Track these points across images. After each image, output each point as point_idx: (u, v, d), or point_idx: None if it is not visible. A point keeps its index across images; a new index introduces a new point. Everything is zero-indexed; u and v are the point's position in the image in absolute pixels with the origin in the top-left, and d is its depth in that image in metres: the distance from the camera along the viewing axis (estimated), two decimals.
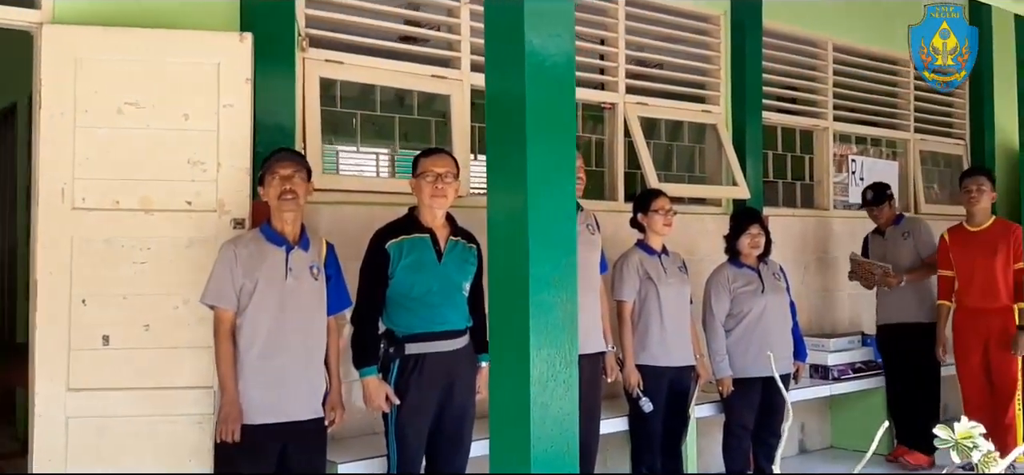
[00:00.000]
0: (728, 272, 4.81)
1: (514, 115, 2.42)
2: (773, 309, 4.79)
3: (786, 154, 6.49)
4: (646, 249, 4.52)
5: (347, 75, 4.22)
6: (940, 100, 7.46)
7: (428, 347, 3.43)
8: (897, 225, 5.60)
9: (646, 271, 4.46)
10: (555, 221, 2.44)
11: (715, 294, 4.77)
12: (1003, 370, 5.30)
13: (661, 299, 4.45)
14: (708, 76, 5.82)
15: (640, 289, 4.46)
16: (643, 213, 4.52)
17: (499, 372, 2.48)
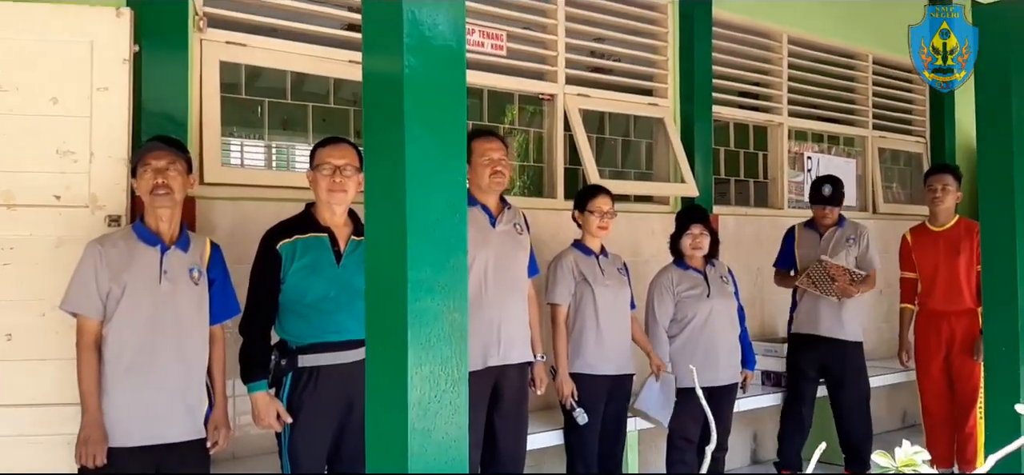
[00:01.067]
0: (672, 274, 4.51)
1: (390, 97, 2.09)
2: (720, 314, 4.50)
3: (739, 151, 6.21)
4: (583, 249, 4.21)
5: (252, 59, 3.85)
6: (899, 96, 7.24)
7: (325, 359, 3.09)
8: (840, 228, 5.18)
9: (582, 273, 4.14)
10: (441, 217, 2.10)
11: (658, 298, 4.48)
12: (965, 376, 5.05)
13: (598, 302, 4.14)
14: (655, 68, 5.52)
15: (575, 292, 4.14)
16: (580, 211, 4.22)
17: (373, 395, 2.14)
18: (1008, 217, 4.01)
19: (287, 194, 3.79)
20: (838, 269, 5.02)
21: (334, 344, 3.06)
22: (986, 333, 4.07)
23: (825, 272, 5.02)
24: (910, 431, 6.64)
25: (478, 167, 3.54)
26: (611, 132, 5.69)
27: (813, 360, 5.09)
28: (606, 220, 4.20)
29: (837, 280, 5.00)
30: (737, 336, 4.62)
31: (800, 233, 5.22)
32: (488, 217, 3.57)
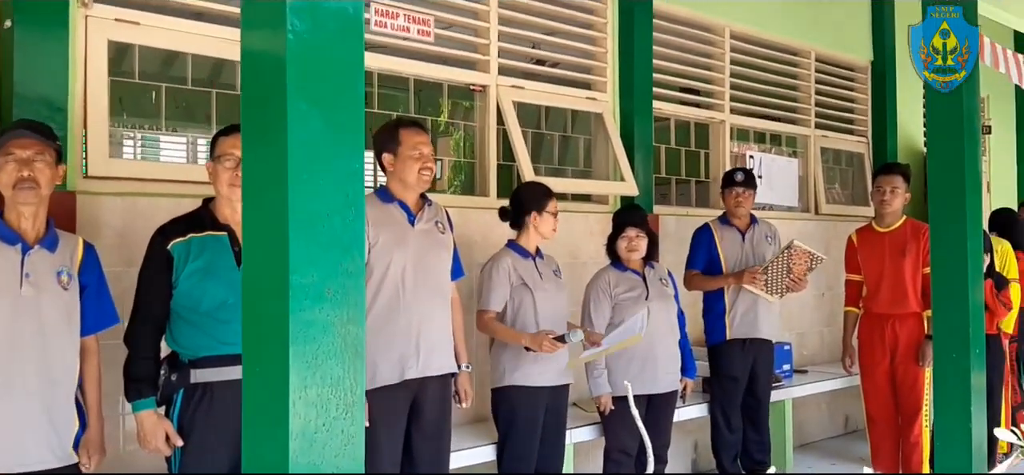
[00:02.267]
0: (610, 276, 4.26)
1: (271, 69, 1.76)
2: (658, 318, 4.25)
3: (680, 149, 5.99)
4: (520, 251, 3.90)
5: (146, 39, 3.47)
6: (842, 95, 7.11)
7: (221, 373, 2.74)
8: (755, 226, 4.94)
9: (520, 277, 3.84)
10: (332, 212, 1.78)
11: (594, 301, 4.21)
12: (910, 382, 4.90)
13: (537, 308, 3.85)
14: (594, 60, 5.25)
15: (512, 298, 3.83)
16: (537, 212, 3.89)
17: (249, 425, 1.81)
18: (959, 220, 3.85)
19: (187, 189, 3.42)
20: (803, 254, 4.76)
21: (232, 357, 2.71)
22: (936, 339, 3.91)
23: (788, 262, 4.74)
24: (853, 437, 6.50)
25: (406, 160, 3.21)
26: (549, 128, 5.41)
27: (746, 364, 4.85)
28: (556, 222, 3.94)
29: (793, 270, 4.75)
30: (677, 342, 4.38)
31: (719, 231, 4.91)
32: (407, 215, 3.25)
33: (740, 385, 4.83)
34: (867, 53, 7.25)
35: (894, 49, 7.22)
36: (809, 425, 6.46)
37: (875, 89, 7.27)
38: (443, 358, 3.33)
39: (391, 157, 3.23)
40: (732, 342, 4.81)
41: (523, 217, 3.89)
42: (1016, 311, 5.50)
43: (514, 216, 3.94)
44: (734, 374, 4.81)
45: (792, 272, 4.74)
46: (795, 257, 4.72)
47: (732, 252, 4.86)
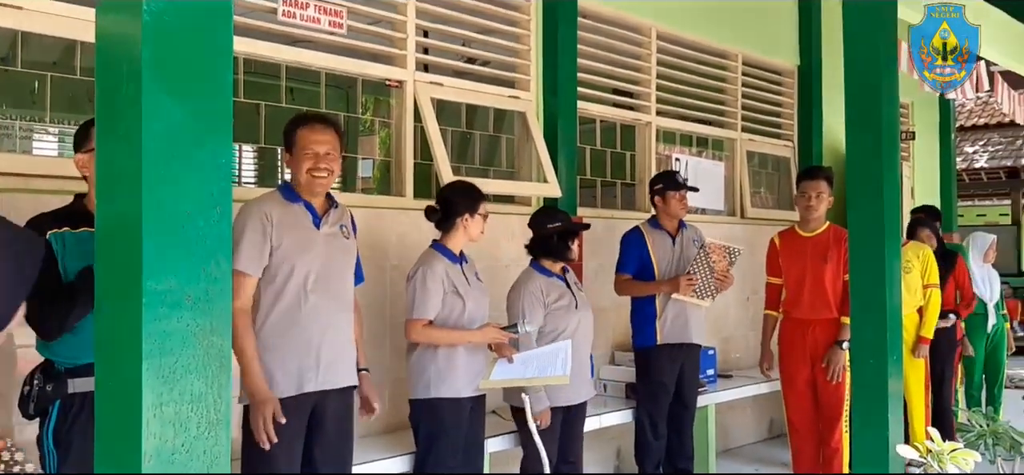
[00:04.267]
0: (540, 282, 4.09)
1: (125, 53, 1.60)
2: (585, 327, 4.16)
3: (606, 150, 5.91)
4: (448, 255, 3.72)
5: (30, 25, 3.24)
6: (768, 99, 7.14)
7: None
8: (685, 230, 4.89)
9: (453, 282, 3.66)
10: (194, 212, 1.62)
11: (529, 307, 4.02)
12: (830, 388, 4.87)
13: (468, 314, 3.69)
14: (517, 57, 5.13)
15: (444, 304, 3.63)
16: (469, 214, 3.72)
17: (102, 440, 1.64)
18: (877, 225, 3.82)
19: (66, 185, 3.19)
20: (719, 250, 4.70)
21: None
22: (854, 346, 3.88)
23: (707, 262, 4.68)
24: (777, 442, 6.50)
25: (298, 158, 3.03)
26: (472, 127, 5.28)
27: (674, 370, 4.78)
28: (484, 225, 3.80)
29: (716, 268, 4.68)
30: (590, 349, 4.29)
31: (650, 235, 4.82)
32: (312, 216, 3.07)
33: (668, 390, 4.76)
34: (794, 57, 7.29)
35: (820, 53, 7.28)
36: (733, 430, 6.44)
37: (801, 93, 7.31)
38: (345, 370, 3.15)
39: (288, 154, 3.06)
40: (662, 347, 4.72)
41: (454, 219, 3.73)
42: (936, 316, 5.56)
43: (443, 217, 3.77)
44: (663, 379, 4.73)
45: (714, 271, 4.68)
46: (713, 255, 4.68)
47: (663, 256, 4.78)
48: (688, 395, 4.86)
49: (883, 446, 3.79)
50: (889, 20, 3.89)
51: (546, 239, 4.13)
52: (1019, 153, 14.74)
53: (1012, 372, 9.55)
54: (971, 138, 15.38)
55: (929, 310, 5.51)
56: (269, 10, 3.90)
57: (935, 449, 1.73)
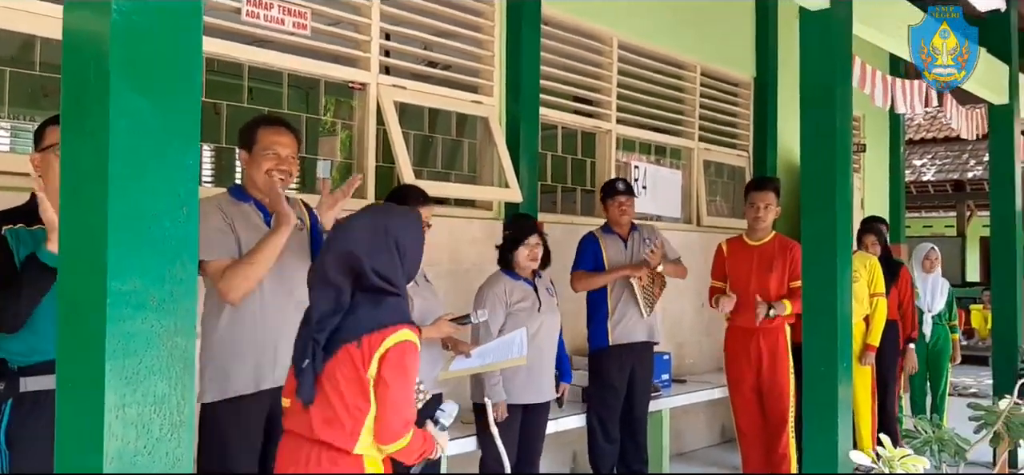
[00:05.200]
0: (504, 284, 4.14)
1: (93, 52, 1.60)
2: (549, 329, 4.22)
3: (567, 157, 5.96)
4: None
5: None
6: (725, 109, 7.25)
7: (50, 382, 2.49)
8: (636, 232, 4.98)
9: None
10: (160, 212, 1.61)
11: (490, 308, 4.08)
12: (775, 394, 4.98)
13: (417, 314, 3.70)
14: (480, 63, 5.16)
15: None
16: None
17: (63, 442, 1.63)
18: (829, 235, 3.91)
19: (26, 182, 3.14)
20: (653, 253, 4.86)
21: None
22: (806, 352, 3.96)
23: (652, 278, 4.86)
24: (729, 446, 6.60)
25: (258, 158, 3.02)
26: (435, 130, 5.29)
27: (624, 373, 4.84)
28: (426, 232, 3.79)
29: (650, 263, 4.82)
30: (556, 349, 4.33)
31: (604, 239, 4.92)
32: (263, 216, 3.06)
33: (619, 393, 4.82)
34: (750, 69, 7.41)
35: (776, 66, 7.41)
36: (687, 434, 6.53)
37: (757, 105, 7.44)
38: None
39: (246, 154, 3.03)
40: (612, 349, 4.79)
41: None
42: (882, 324, 5.69)
43: None
44: (613, 382, 4.79)
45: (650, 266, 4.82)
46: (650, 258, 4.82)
47: (616, 257, 4.88)
48: (638, 398, 4.92)
49: (833, 451, 3.87)
50: (843, 35, 3.99)
51: (502, 246, 4.23)
52: (965, 166, 15.13)
53: (957, 380, 9.80)
54: (919, 151, 15.76)
55: (875, 318, 5.64)
56: (233, 10, 3.88)
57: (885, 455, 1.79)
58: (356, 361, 2.31)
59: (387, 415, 2.32)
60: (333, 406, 2.30)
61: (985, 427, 3.35)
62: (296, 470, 2.36)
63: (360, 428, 2.31)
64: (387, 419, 2.32)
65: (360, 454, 2.33)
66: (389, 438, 2.34)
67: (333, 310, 2.36)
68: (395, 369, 2.33)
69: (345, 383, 2.31)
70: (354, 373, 2.31)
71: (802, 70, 3.95)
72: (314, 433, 2.32)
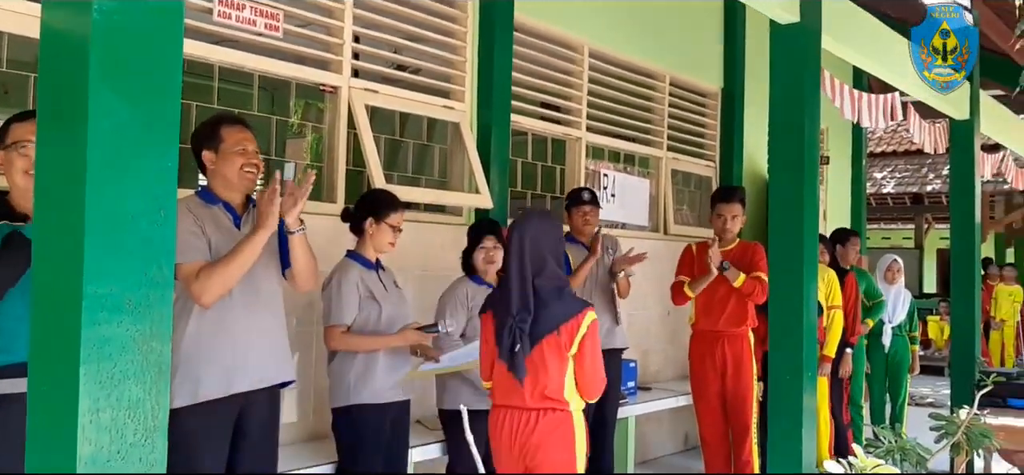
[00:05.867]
0: (467, 288, 4.15)
1: (72, 52, 1.58)
2: None
3: (537, 164, 5.98)
4: (363, 261, 3.74)
5: None
6: (693, 119, 7.32)
7: (16, 385, 2.45)
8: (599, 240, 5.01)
9: (368, 288, 3.67)
10: (138, 215, 1.59)
11: (451, 310, 4.09)
12: (739, 401, 5.04)
13: (385, 320, 3.70)
14: (453, 68, 5.16)
15: (360, 310, 3.65)
16: (375, 219, 3.73)
17: (34, 447, 1.60)
18: (796, 246, 3.96)
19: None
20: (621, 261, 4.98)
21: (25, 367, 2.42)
22: (772, 361, 4.01)
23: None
24: (692, 454, 6.66)
25: (229, 156, 2.99)
26: (405, 135, 5.28)
27: None
28: (396, 237, 3.80)
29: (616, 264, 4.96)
30: None
31: (568, 249, 4.82)
32: (232, 218, 3.03)
33: None
34: (718, 80, 7.50)
35: (743, 77, 7.50)
36: (651, 442, 6.57)
37: (724, 115, 7.52)
38: (274, 368, 3.12)
39: (212, 154, 3.00)
40: None
41: (362, 223, 3.74)
42: (838, 336, 5.78)
43: (354, 221, 3.78)
44: None
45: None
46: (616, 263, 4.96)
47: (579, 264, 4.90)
48: (610, 405, 4.95)
49: (797, 459, 3.92)
50: (813, 49, 4.05)
51: (465, 250, 4.24)
52: (924, 180, 15.42)
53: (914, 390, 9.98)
54: (880, 164, 16.03)
55: (832, 330, 5.73)
56: (204, 10, 3.84)
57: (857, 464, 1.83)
58: (559, 344, 3.07)
59: (594, 377, 3.14)
60: (542, 379, 3.08)
61: (946, 437, 3.42)
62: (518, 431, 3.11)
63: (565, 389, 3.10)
64: (594, 380, 3.14)
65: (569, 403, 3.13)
66: (595, 393, 3.18)
67: (525, 305, 3.11)
68: (592, 343, 3.11)
69: (551, 361, 3.07)
70: (558, 353, 3.07)
71: (772, 82, 4.00)
72: (527, 403, 3.10)
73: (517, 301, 3.13)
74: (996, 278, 12.01)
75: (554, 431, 3.10)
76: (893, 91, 6.15)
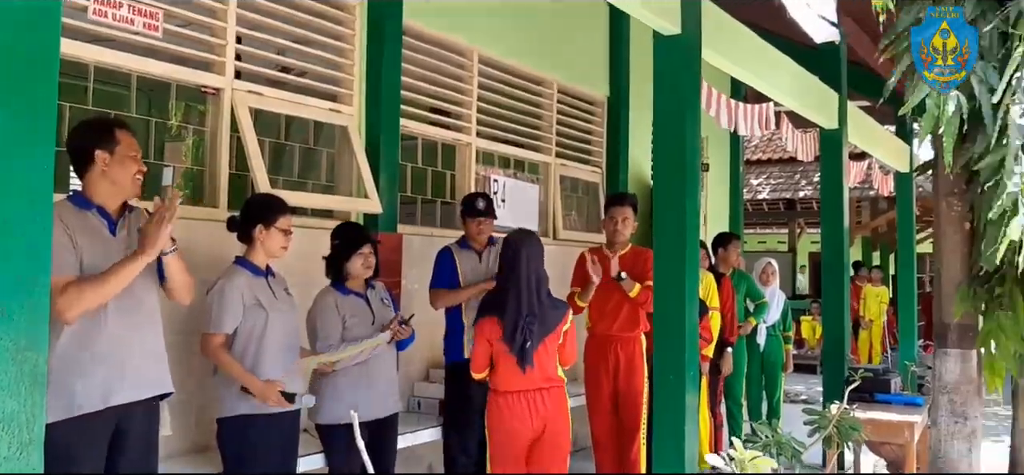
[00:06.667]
0: (334, 299, 4.07)
1: None
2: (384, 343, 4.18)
3: (427, 168, 5.98)
4: (251, 268, 3.66)
5: None
6: (580, 126, 7.46)
7: None
8: (492, 246, 4.99)
9: (255, 296, 3.59)
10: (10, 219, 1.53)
11: (321, 321, 4.02)
12: (630, 401, 5.16)
13: (272, 331, 3.62)
14: (340, 72, 5.10)
15: (246, 319, 3.57)
16: (264, 225, 3.65)
17: None
18: (679, 250, 4.09)
19: None
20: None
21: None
22: (656, 362, 4.12)
23: None
24: (582, 455, 6.77)
25: (125, 162, 2.89)
26: (291, 138, 5.19)
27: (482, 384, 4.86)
28: (289, 239, 3.72)
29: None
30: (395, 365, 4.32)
31: (458, 254, 4.96)
32: (107, 224, 2.92)
33: (475, 405, 4.82)
34: (604, 89, 7.67)
35: (628, 86, 7.70)
36: None
37: (610, 123, 7.70)
38: (152, 379, 3.01)
39: (106, 155, 2.88)
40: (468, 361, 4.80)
41: (249, 231, 3.66)
42: (716, 339, 6.01)
43: (242, 228, 3.70)
44: (470, 393, 4.80)
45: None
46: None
47: (471, 272, 4.91)
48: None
49: (680, 455, 4.06)
50: (694, 59, 4.19)
51: (330, 257, 4.15)
52: (796, 186, 16.16)
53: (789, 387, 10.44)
54: (756, 171, 16.71)
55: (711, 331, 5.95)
56: (79, 8, 3.68)
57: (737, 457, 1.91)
58: (554, 338, 4.11)
59: (573, 354, 4.22)
60: (544, 365, 4.07)
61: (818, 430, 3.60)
62: (535, 407, 4.07)
63: (558, 370, 4.16)
64: (572, 355, 4.23)
65: (563, 379, 4.20)
66: (572, 361, 4.24)
67: (532, 310, 4.03)
68: (571, 332, 4.20)
69: (550, 351, 4.10)
70: (554, 345, 4.12)
71: (656, 92, 4.12)
72: (535, 384, 4.06)
73: (526, 307, 4.01)
74: (865, 280, 12.69)
75: (560, 401, 4.14)
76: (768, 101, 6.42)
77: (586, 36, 7.43)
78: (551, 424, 4.10)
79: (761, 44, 5.03)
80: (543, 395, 4.08)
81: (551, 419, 4.10)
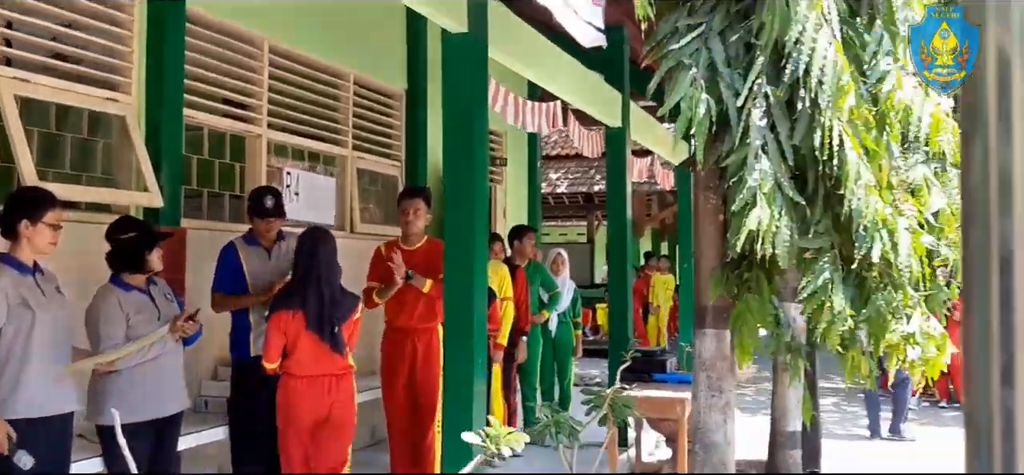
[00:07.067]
0: (117, 296, 3.89)
1: None
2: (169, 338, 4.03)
3: (214, 160, 5.79)
4: (16, 265, 3.44)
5: None
6: (379, 119, 7.47)
7: None
8: (283, 241, 4.85)
9: (22, 296, 3.38)
10: None
11: (105, 321, 3.83)
12: (426, 390, 5.27)
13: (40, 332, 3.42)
14: (118, 59, 4.85)
15: (11, 319, 3.36)
16: (30, 221, 3.44)
17: None
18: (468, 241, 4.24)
19: None
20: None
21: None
22: (447, 350, 4.26)
23: None
24: (378, 448, 6.79)
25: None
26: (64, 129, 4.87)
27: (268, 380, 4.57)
28: (58, 234, 3.51)
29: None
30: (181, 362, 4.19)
31: (244, 251, 4.79)
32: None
33: (260, 402, 4.72)
34: (402, 82, 7.71)
35: (426, 79, 7.77)
36: None
37: (409, 116, 7.75)
38: None
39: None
40: (256, 359, 4.68)
41: (15, 225, 3.45)
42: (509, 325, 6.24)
43: (7, 224, 3.48)
44: (254, 390, 4.68)
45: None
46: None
47: (258, 270, 4.75)
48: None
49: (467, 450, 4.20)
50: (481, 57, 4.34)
51: (121, 251, 3.97)
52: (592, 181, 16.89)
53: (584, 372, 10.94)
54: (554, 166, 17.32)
55: (504, 320, 6.17)
56: None
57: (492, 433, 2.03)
58: (351, 326, 4.47)
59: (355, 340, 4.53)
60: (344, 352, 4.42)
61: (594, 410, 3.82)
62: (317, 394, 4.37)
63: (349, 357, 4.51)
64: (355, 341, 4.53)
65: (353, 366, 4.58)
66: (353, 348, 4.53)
67: (333, 300, 4.35)
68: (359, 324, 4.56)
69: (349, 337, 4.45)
70: (351, 332, 4.47)
71: (445, 86, 4.24)
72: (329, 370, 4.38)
73: (328, 298, 4.33)
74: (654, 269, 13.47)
75: (348, 387, 4.49)
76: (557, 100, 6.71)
77: (382, 29, 7.44)
78: (337, 408, 4.40)
79: (548, 45, 5.26)
80: (335, 380, 4.39)
81: (338, 403, 4.40)
